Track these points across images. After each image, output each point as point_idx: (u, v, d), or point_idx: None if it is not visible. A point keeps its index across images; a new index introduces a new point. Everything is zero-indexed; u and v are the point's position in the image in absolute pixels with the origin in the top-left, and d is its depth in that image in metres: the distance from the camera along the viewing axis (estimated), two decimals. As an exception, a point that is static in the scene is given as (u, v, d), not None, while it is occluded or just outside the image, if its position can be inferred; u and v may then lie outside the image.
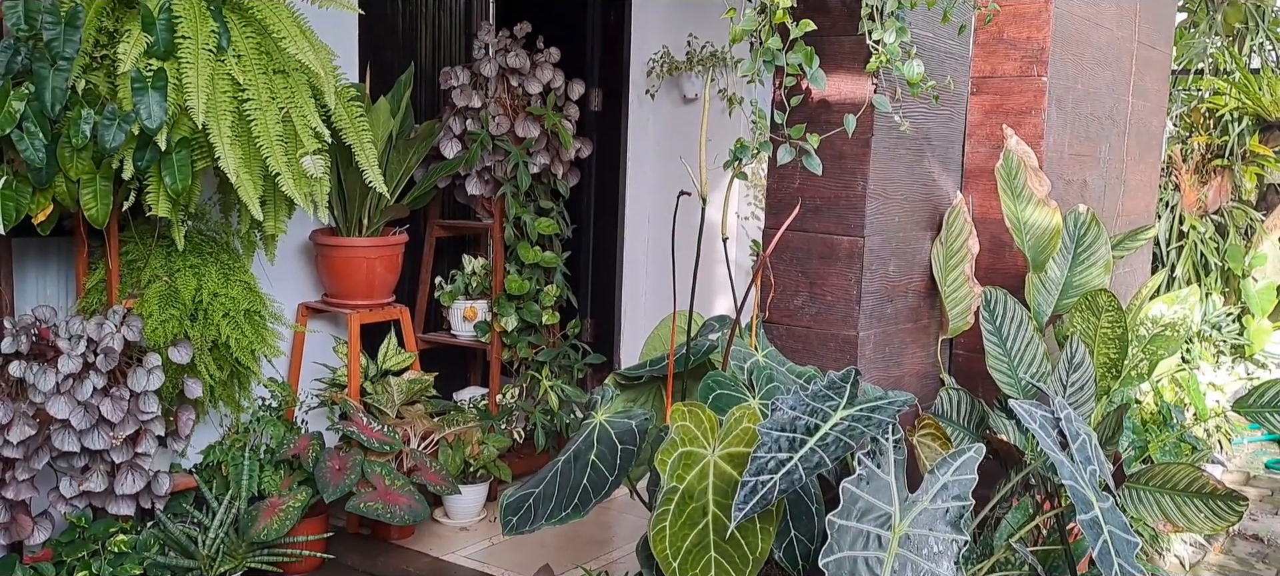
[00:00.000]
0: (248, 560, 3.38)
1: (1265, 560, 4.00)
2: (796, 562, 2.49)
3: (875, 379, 2.94)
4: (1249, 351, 5.95)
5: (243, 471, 3.41)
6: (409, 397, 3.82)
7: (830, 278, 2.85)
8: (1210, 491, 2.87)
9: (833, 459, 2.16)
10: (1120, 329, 3.13)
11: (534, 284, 4.15)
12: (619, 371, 2.74)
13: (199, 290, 3.19)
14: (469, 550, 3.71)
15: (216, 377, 3.32)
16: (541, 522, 2.48)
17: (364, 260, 3.72)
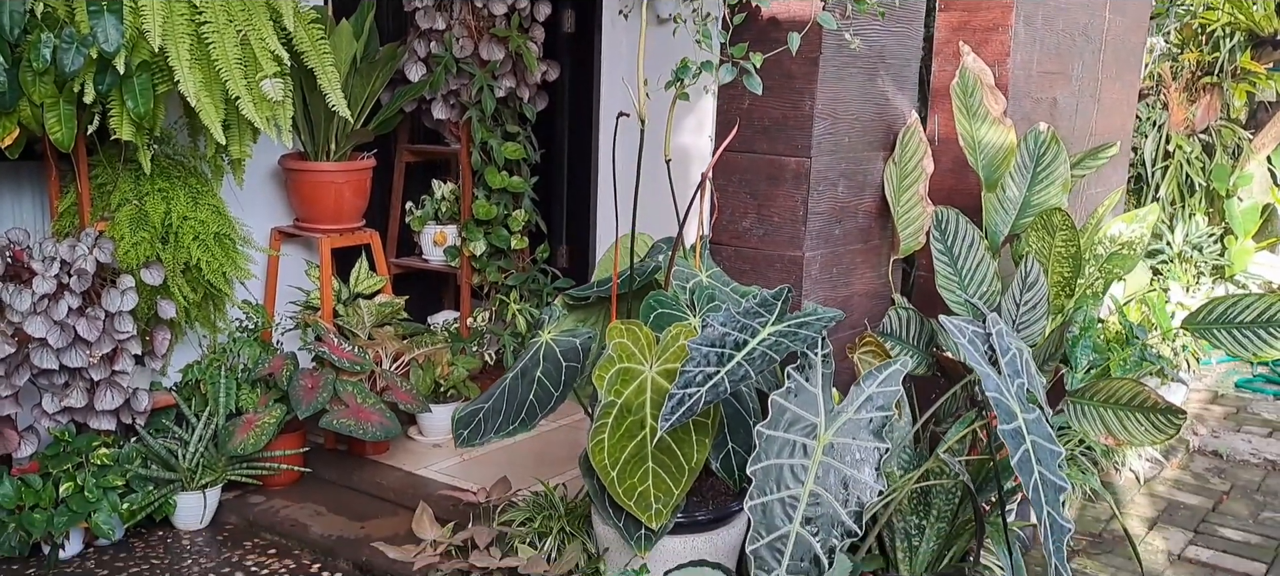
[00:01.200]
0: (228, 473, 3.50)
1: (1222, 475, 4.09)
2: (733, 472, 2.59)
3: (822, 299, 3.00)
4: (1230, 272, 5.97)
5: (220, 389, 3.52)
6: (380, 320, 3.91)
7: (777, 199, 2.90)
8: (1151, 405, 2.94)
9: (758, 372, 2.24)
10: (1074, 248, 3.17)
11: (502, 209, 4.20)
12: (567, 292, 2.81)
13: (168, 213, 3.27)
14: (440, 465, 3.82)
15: (190, 299, 3.41)
16: (491, 435, 2.58)
17: (332, 184, 3.78)
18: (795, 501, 2.19)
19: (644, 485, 2.40)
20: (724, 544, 2.58)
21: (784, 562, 2.16)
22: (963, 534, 2.71)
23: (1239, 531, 3.58)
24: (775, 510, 2.19)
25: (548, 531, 2.73)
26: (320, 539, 3.35)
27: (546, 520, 2.76)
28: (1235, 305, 3.11)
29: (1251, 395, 5.06)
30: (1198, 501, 3.82)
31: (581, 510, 2.79)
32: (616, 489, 2.40)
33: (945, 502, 2.69)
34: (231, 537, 3.43)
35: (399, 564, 3.10)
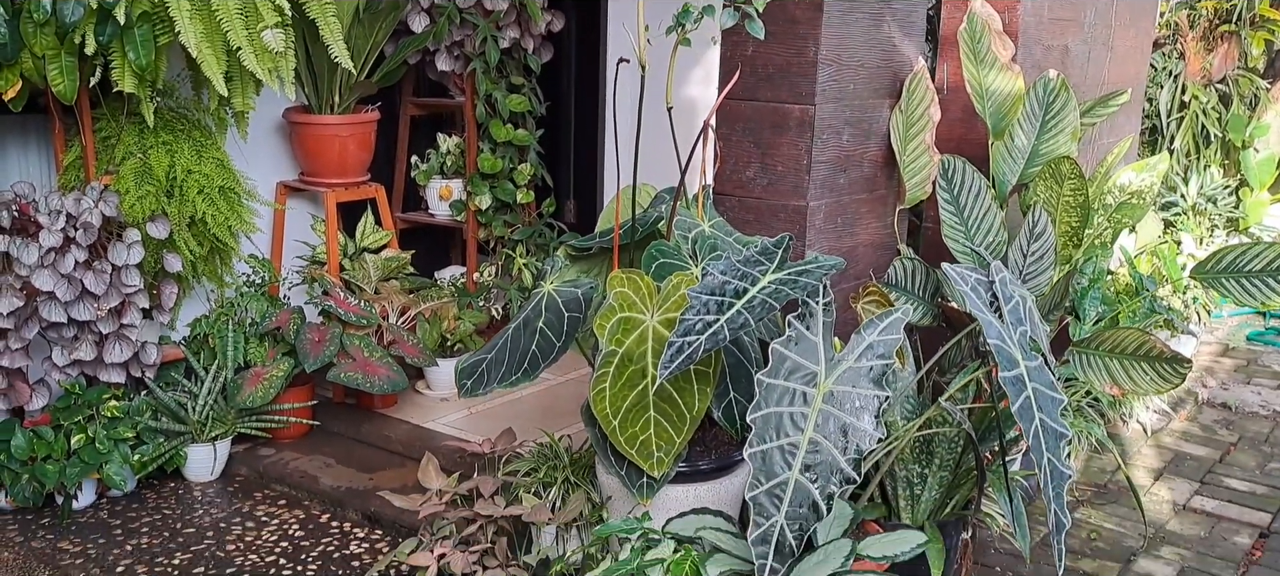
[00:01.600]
0: (237, 425, 3.54)
1: (1230, 427, 4.07)
2: (735, 422, 2.59)
3: (827, 249, 2.98)
4: (1244, 225, 5.91)
5: (228, 342, 3.55)
6: (386, 275, 3.92)
7: (781, 147, 2.88)
8: (1156, 354, 2.92)
9: (758, 320, 2.23)
10: (1082, 197, 3.13)
11: (507, 162, 4.18)
12: (569, 242, 2.81)
13: (172, 167, 3.27)
14: (447, 419, 3.85)
15: (197, 253, 3.42)
16: (494, 385, 2.59)
17: (336, 138, 3.77)
18: (794, 449, 2.20)
19: (645, 433, 2.41)
20: (727, 492, 2.59)
21: (783, 509, 2.17)
22: (965, 482, 2.71)
23: (1245, 482, 3.57)
24: (774, 457, 2.20)
25: (552, 481, 2.74)
26: (330, 490, 3.38)
27: (551, 470, 2.78)
28: (1244, 254, 3.08)
29: (1263, 348, 5.02)
30: (1205, 452, 3.81)
31: (586, 461, 2.80)
32: (618, 437, 2.41)
33: (947, 451, 2.69)
34: (242, 489, 3.47)
35: (405, 512, 3.13)
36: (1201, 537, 3.17)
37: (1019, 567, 2.96)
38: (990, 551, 3.05)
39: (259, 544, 3.10)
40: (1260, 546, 3.14)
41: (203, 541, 3.11)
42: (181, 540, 3.11)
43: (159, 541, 3.10)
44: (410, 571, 2.91)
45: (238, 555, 3.04)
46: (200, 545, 3.09)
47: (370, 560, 3.02)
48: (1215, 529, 3.23)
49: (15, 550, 3.03)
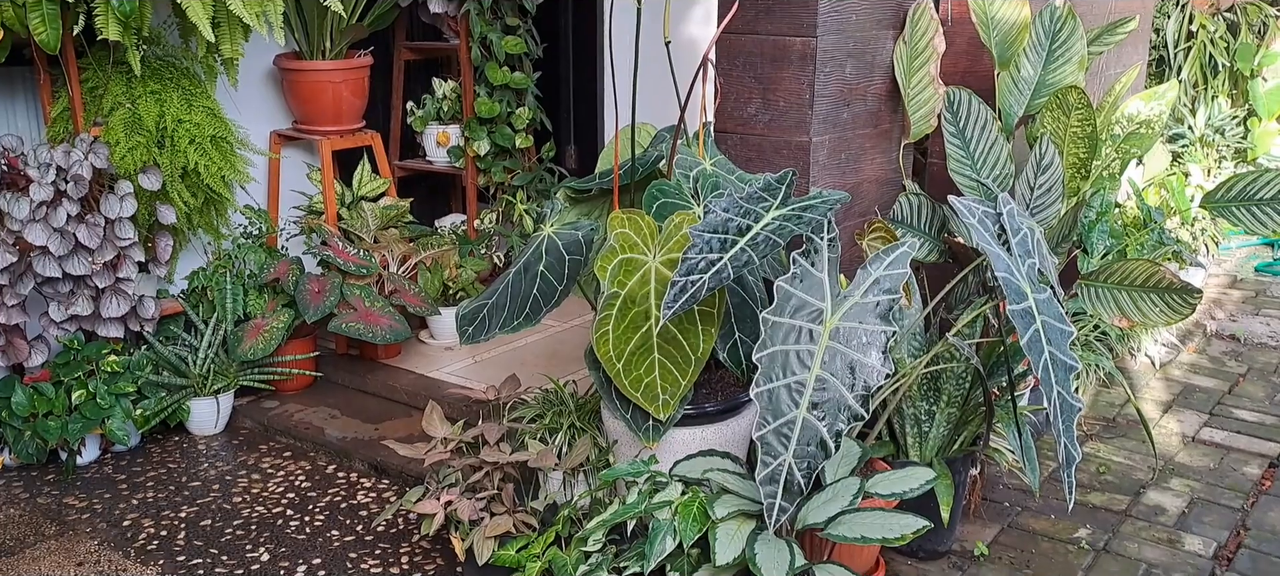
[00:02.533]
0: (239, 378, 3.52)
1: (1238, 359, 4.04)
2: (741, 363, 2.56)
3: (831, 185, 2.93)
4: (1252, 155, 5.83)
5: (227, 294, 3.51)
6: (385, 223, 3.87)
7: (783, 82, 2.82)
8: (1166, 286, 2.88)
9: (762, 257, 2.19)
10: (1090, 127, 3.07)
11: (505, 106, 4.11)
12: (569, 184, 2.76)
13: (162, 117, 3.21)
14: (452, 368, 3.83)
15: (191, 204, 3.37)
16: (495, 330, 2.55)
17: (329, 84, 3.71)
18: (801, 387, 2.17)
19: (650, 376, 2.38)
20: (733, 434, 2.57)
21: (790, 447, 2.14)
22: (972, 419, 2.69)
23: (1254, 413, 3.55)
24: (781, 396, 2.17)
25: (558, 427, 2.72)
26: (335, 441, 3.37)
27: (556, 416, 2.75)
28: (1255, 182, 3.02)
29: (1271, 278, 4.98)
30: (1213, 384, 3.79)
31: (591, 406, 2.78)
32: (622, 380, 2.38)
33: (955, 387, 2.66)
34: (247, 441, 3.46)
35: (411, 461, 3.12)
36: (1211, 469, 3.16)
37: (1028, 502, 2.94)
38: (998, 486, 3.03)
39: (266, 495, 3.10)
40: (1270, 475, 3.13)
41: (209, 494, 3.10)
42: (187, 493, 3.11)
43: (165, 494, 3.10)
44: (417, 519, 2.90)
45: (244, 507, 3.03)
46: (206, 498, 3.08)
47: (377, 509, 3.01)
48: (1224, 460, 3.21)
49: (21, 506, 3.03)
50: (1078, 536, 2.77)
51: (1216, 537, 2.76)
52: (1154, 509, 2.92)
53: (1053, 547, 2.72)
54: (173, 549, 2.81)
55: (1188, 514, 2.89)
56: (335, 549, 2.81)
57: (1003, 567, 2.63)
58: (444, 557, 2.75)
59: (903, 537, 2.16)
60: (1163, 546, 2.73)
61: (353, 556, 2.78)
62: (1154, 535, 2.78)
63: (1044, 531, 2.80)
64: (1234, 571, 2.61)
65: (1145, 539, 2.76)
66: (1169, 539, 2.76)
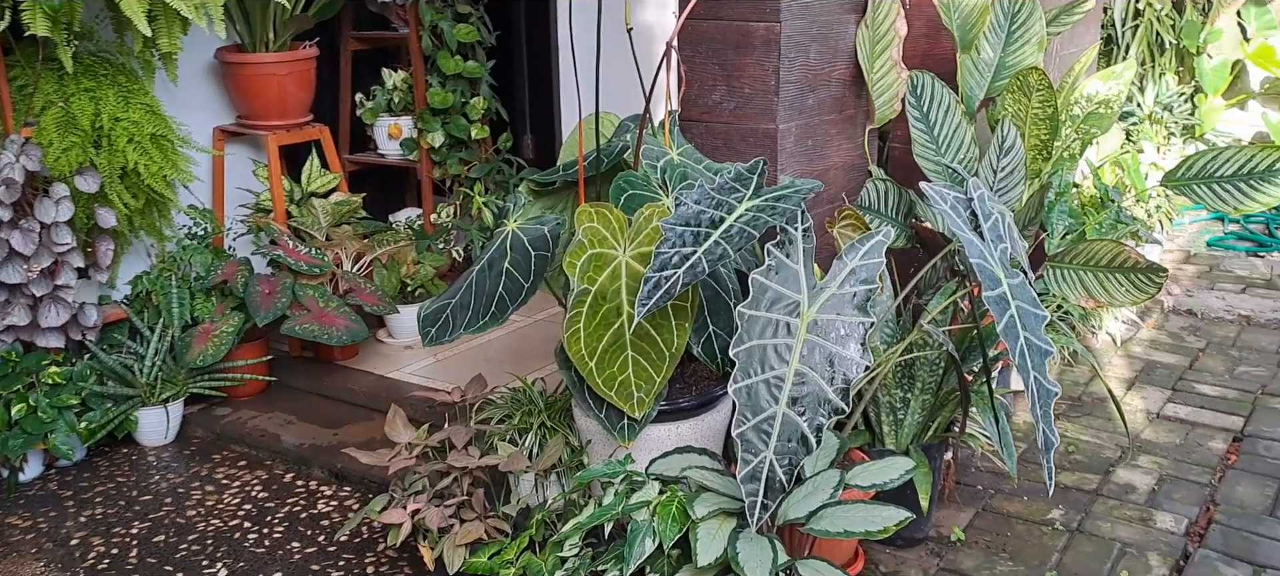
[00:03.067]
0: (189, 385, 3.39)
1: (1197, 333, 4.09)
2: (716, 356, 2.51)
3: (799, 173, 2.89)
4: (1200, 131, 5.92)
5: (172, 299, 3.38)
6: (337, 220, 3.76)
7: (747, 68, 2.76)
8: (1132, 265, 2.88)
9: (737, 249, 2.13)
10: (1051, 109, 3.07)
11: (459, 96, 4.01)
12: (531, 177, 2.68)
13: (98, 115, 3.07)
14: (414, 367, 3.73)
15: (132, 206, 3.23)
16: (460, 331, 2.47)
17: (274, 77, 3.58)
18: (780, 381, 2.12)
19: (624, 374, 2.32)
20: (709, 429, 2.51)
21: (771, 444, 2.09)
22: (946, 404, 2.67)
23: (1216, 387, 3.58)
24: (760, 391, 2.12)
25: (527, 427, 2.65)
26: (292, 448, 3.26)
27: (526, 416, 2.68)
28: (1216, 159, 3.03)
29: (1223, 253, 5.05)
30: (1174, 360, 3.82)
31: (561, 404, 2.71)
32: (595, 379, 2.31)
33: (929, 374, 2.64)
34: (199, 451, 3.33)
35: (374, 468, 3.02)
36: (1177, 445, 3.18)
37: (1001, 485, 2.93)
38: (970, 470, 3.02)
39: (221, 508, 2.98)
40: (1235, 450, 3.16)
41: (161, 508, 2.98)
42: (138, 508, 2.98)
43: (114, 510, 2.97)
44: (382, 527, 2.81)
45: (200, 520, 2.91)
46: (159, 512, 2.96)
47: (340, 519, 2.92)
48: (1190, 435, 3.24)
49: (-40, 529, 2.88)
50: (1051, 518, 2.77)
51: (1187, 514, 2.77)
52: (1124, 487, 2.93)
53: (1027, 530, 2.71)
54: (124, 567, 2.69)
55: (1158, 491, 2.90)
56: (296, 561, 2.72)
57: (980, 552, 2.62)
58: (412, 566, 2.67)
59: (886, 530, 2.12)
60: (1135, 525, 2.73)
61: (315, 568, 2.68)
62: (1126, 514, 2.79)
63: (1018, 514, 2.79)
64: (1207, 547, 2.62)
65: (1118, 518, 2.77)
66: (1141, 517, 2.77)
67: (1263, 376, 3.66)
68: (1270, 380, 3.63)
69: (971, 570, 2.54)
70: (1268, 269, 4.78)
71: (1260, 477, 2.97)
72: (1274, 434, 3.23)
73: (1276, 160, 2.92)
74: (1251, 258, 4.97)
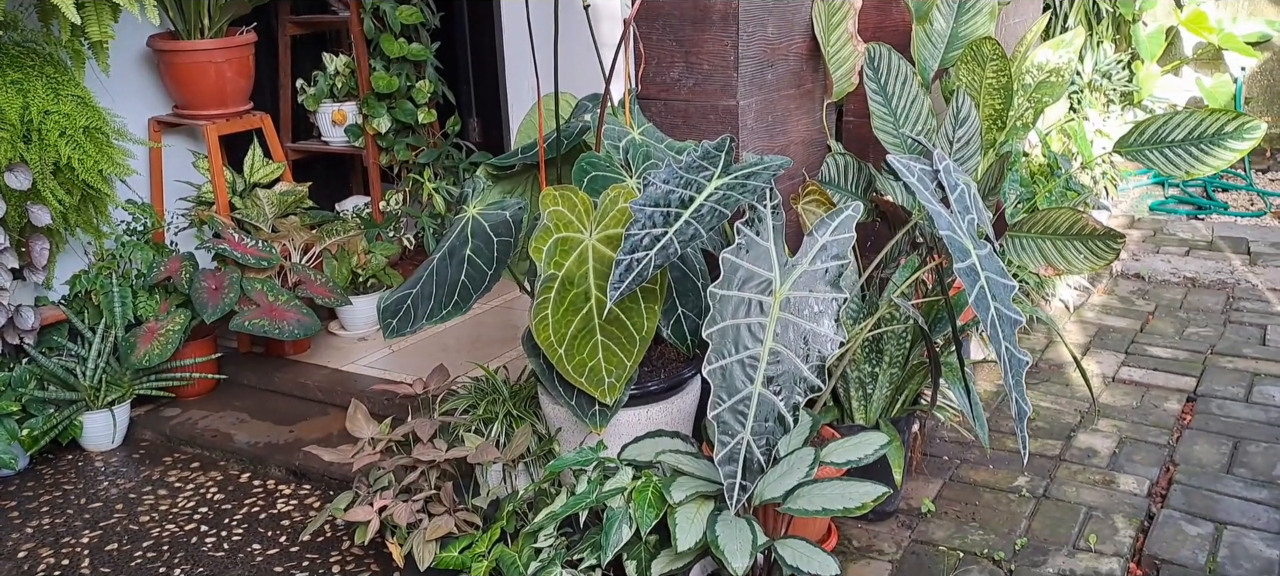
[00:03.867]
0: (135, 387, 3.27)
1: (1145, 296, 4.16)
2: (686, 338, 2.48)
3: (760, 149, 2.86)
4: (1138, 98, 6.03)
5: (114, 298, 3.25)
6: (283, 210, 3.64)
7: (705, 44, 2.72)
8: (1089, 232, 2.91)
9: (708, 229, 2.10)
10: (1005, 78, 3.08)
11: (404, 80, 3.91)
12: (489, 161, 2.61)
13: (26, 108, 2.92)
14: (369, 359, 3.64)
15: (66, 203, 3.09)
16: (422, 322, 2.40)
17: (210, 65, 3.44)
18: (755, 361, 2.09)
19: (594, 360, 2.27)
20: (679, 412, 2.48)
21: (748, 425, 2.07)
22: (914, 377, 2.67)
23: (1167, 349, 3.65)
24: (735, 372, 2.09)
25: (493, 417, 2.59)
26: (247, 447, 3.16)
27: (490, 406, 2.62)
28: (1166, 124, 3.07)
29: (1166, 216, 5.16)
30: (1126, 324, 3.88)
31: (526, 392, 2.65)
32: (565, 366, 2.27)
33: (897, 348, 2.63)
34: (149, 454, 3.22)
35: (335, 465, 2.94)
36: (1134, 407, 3.23)
37: (966, 454, 2.96)
38: (936, 441, 3.04)
39: (175, 512, 2.88)
40: (1189, 410, 3.22)
41: (112, 515, 2.87)
42: (88, 516, 2.87)
43: (63, 519, 2.85)
44: (346, 526, 2.74)
45: (153, 526, 2.81)
46: (109, 520, 2.85)
47: (301, 518, 2.84)
48: (1145, 397, 3.29)
49: (-104, 548, 2.75)
50: (1017, 485, 2.79)
51: (1148, 476, 2.82)
52: (1086, 451, 2.97)
53: (995, 498, 2.73)
54: (77, 579, 2.58)
55: (1118, 454, 2.95)
56: (258, 564, 2.63)
57: (950, 521, 2.63)
58: (378, 563, 2.61)
59: (863, 506, 2.11)
60: (1099, 488, 2.77)
61: (278, 570, 2.60)
62: (1089, 477, 2.82)
63: (985, 482, 2.81)
64: (1170, 507, 2.66)
65: (1082, 482, 2.80)
66: (1104, 480, 2.81)
67: (1211, 337, 3.74)
68: (1218, 340, 3.71)
69: (943, 540, 2.55)
70: (1208, 231, 4.89)
71: (1215, 436, 3.03)
72: (1225, 393, 3.30)
73: (1225, 124, 2.96)
74: (1192, 220, 5.08)
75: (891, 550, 2.52)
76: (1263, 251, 4.59)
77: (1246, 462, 2.87)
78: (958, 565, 2.44)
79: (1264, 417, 3.13)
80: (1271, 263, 4.45)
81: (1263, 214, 5.19)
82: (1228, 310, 3.98)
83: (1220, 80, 6.15)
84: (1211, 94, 6.03)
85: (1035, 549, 2.50)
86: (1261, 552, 2.45)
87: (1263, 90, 6.28)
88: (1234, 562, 2.42)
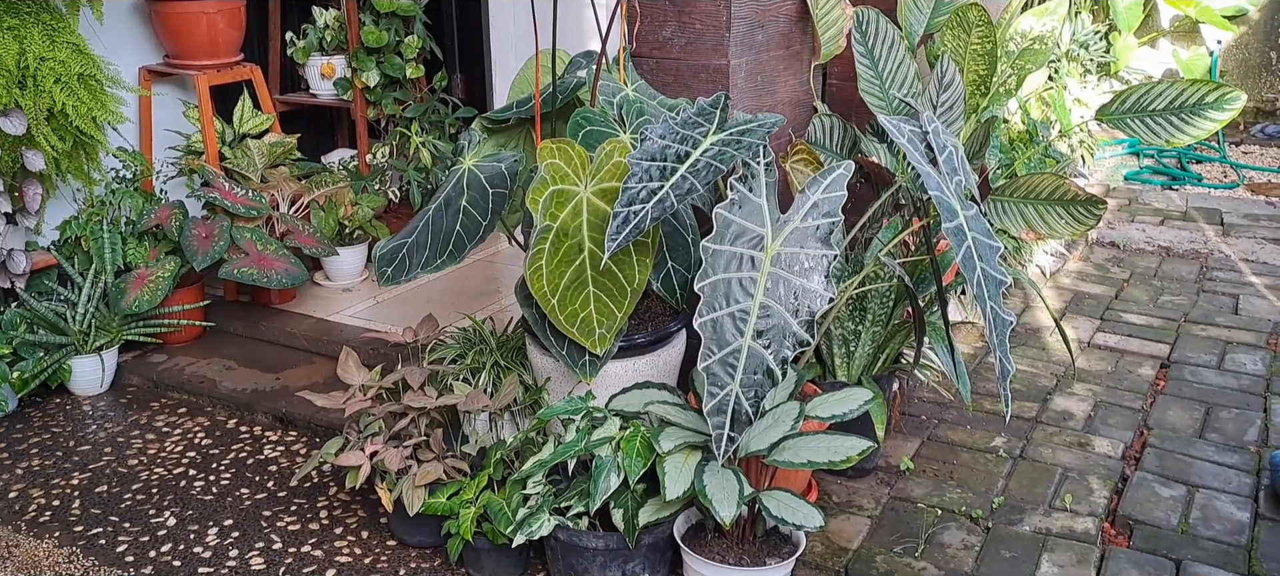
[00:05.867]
0: (124, 333, 3.28)
1: (1120, 264, 4.24)
2: (675, 292, 2.52)
3: (748, 108, 2.89)
4: (1115, 68, 6.09)
5: (104, 244, 3.25)
6: (272, 161, 3.64)
7: (699, 4, 2.74)
8: (1071, 198, 2.97)
9: (704, 184, 2.14)
10: (990, 44, 3.12)
11: (393, 35, 3.90)
12: (485, 115, 2.63)
13: (22, 54, 2.91)
14: (354, 309, 3.67)
15: (59, 149, 3.09)
16: (417, 271, 2.43)
17: (202, 15, 3.43)
18: (746, 315, 2.14)
19: (586, 310, 2.32)
20: (665, 364, 2.53)
21: (737, 377, 2.12)
22: (895, 336, 2.73)
23: (1141, 316, 3.74)
24: (726, 325, 2.14)
25: (481, 366, 2.63)
26: (233, 393, 3.19)
27: (478, 355, 2.66)
28: (1148, 93, 3.12)
29: (1140, 186, 5.24)
30: (1101, 290, 3.97)
31: (514, 343, 2.69)
32: (558, 316, 2.31)
33: (880, 306, 2.69)
34: (136, 399, 3.24)
35: (320, 411, 2.98)
36: (1109, 372, 3.31)
37: (944, 414, 3.03)
38: (914, 400, 3.11)
39: (164, 456, 2.91)
40: (1162, 376, 3.30)
41: (101, 458, 2.90)
42: (77, 458, 2.89)
43: (52, 461, 2.87)
44: (333, 471, 2.78)
45: (142, 469, 2.84)
46: (98, 462, 2.87)
47: (288, 464, 2.87)
48: (1120, 363, 3.38)
49: (-114, 487, 2.76)
50: (994, 445, 2.87)
51: (1123, 438, 2.90)
52: (1062, 414, 3.05)
53: (973, 457, 2.81)
54: (67, 519, 2.61)
55: (1094, 417, 3.03)
56: (247, 508, 2.67)
57: (928, 480, 2.70)
58: (366, 509, 2.65)
59: (848, 460, 2.17)
60: (1075, 450, 2.85)
61: (267, 514, 2.64)
62: (1065, 439, 2.90)
63: (963, 442, 2.89)
64: (1143, 470, 2.75)
65: (1058, 444, 2.88)
66: (1079, 442, 2.89)
67: (1184, 305, 3.83)
68: (1191, 308, 3.80)
69: (921, 498, 2.62)
70: (1182, 201, 4.98)
71: (1188, 402, 3.12)
72: (1198, 360, 3.39)
73: (1206, 94, 3.02)
74: (1167, 191, 5.17)
75: (871, 506, 2.59)
76: (1235, 222, 4.69)
77: (1218, 428, 2.95)
78: (936, 522, 2.51)
79: (1235, 384, 3.22)
80: (1244, 233, 4.54)
81: (1235, 186, 5.29)
82: (1201, 279, 4.07)
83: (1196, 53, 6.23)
84: (1187, 66, 6.11)
85: (1012, 508, 2.57)
86: (1232, 514, 2.54)
87: (1238, 64, 6.37)
88: (1206, 524, 2.51)
